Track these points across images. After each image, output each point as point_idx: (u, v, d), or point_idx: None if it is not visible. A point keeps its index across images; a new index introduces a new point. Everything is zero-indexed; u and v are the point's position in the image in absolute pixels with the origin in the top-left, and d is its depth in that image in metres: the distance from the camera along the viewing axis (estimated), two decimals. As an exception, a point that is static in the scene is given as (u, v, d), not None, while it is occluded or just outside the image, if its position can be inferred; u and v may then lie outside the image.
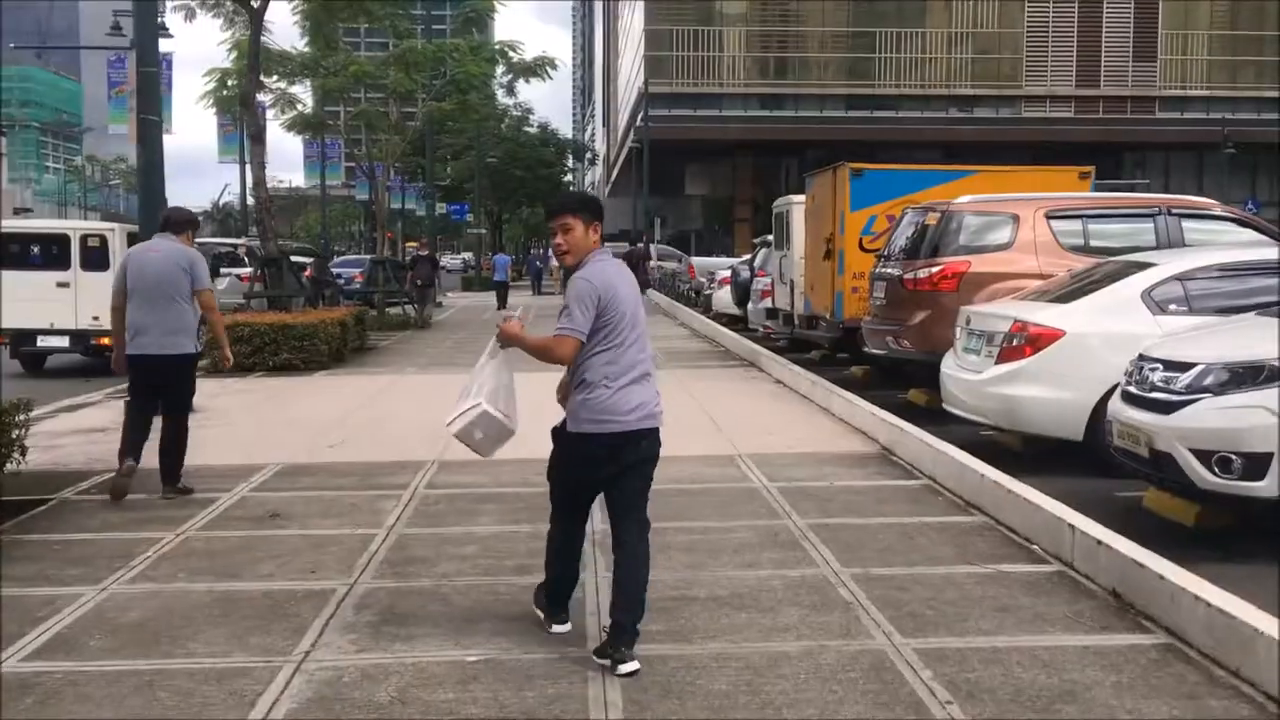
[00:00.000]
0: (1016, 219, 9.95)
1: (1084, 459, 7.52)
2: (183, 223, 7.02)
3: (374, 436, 8.98)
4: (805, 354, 15.30)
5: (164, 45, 39.07)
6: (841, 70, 49.95)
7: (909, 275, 10.17)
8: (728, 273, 22.78)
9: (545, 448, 4.27)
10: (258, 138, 15.88)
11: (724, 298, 22.31)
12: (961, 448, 7.28)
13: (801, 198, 14.98)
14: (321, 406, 10.78)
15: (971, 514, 6.25)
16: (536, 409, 4.77)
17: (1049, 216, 9.96)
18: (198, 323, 6.87)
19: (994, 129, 47.12)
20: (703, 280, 27.88)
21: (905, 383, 11.47)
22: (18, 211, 45.01)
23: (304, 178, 71.99)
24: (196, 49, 22.71)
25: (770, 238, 18.46)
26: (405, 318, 23.03)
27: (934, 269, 9.95)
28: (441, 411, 4.25)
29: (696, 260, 32.80)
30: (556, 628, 4.33)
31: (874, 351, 11.04)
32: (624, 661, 3.92)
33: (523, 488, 6.93)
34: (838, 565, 5.24)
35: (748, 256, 21.74)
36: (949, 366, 8.64)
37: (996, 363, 7.81)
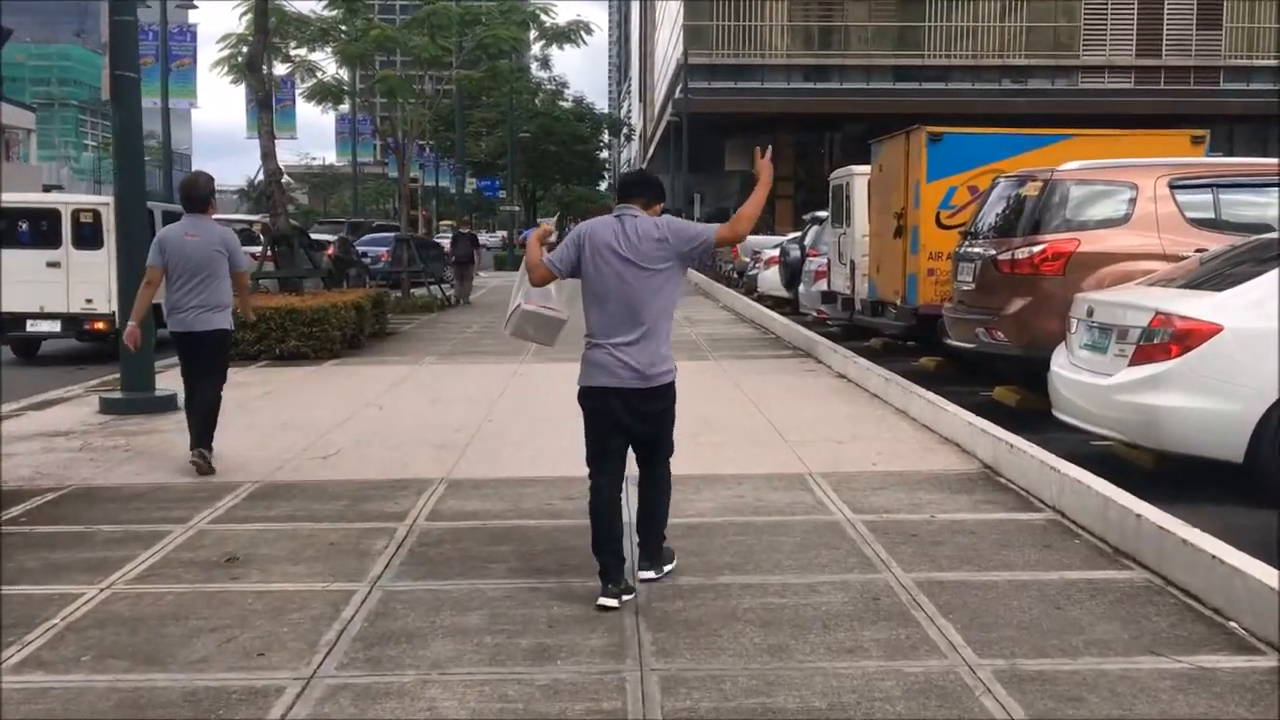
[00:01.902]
0: (1134, 189, 8.41)
1: (1225, 481, 6.09)
2: (205, 199, 6.94)
3: (376, 445, 7.65)
4: (865, 342, 13.82)
5: (190, 17, 38.04)
6: (888, 40, 47.90)
7: (1004, 256, 8.66)
8: (774, 252, 21.22)
9: (570, 465, 4.34)
10: (265, 104, 14.57)
11: (771, 279, 20.78)
12: (1074, 461, 5.92)
13: (864, 168, 13.41)
14: (323, 404, 9.48)
15: (1126, 566, 4.82)
16: (557, 420, 4.81)
17: (1173, 186, 8.42)
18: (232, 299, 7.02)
19: (1049, 100, 44.94)
20: (746, 260, 26.30)
21: (987, 377, 10.04)
22: (48, 189, 44.21)
23: (335, 155, 70.93)
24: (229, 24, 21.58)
25: (823, 214, 16.95)
26: (431, 299, 21.77)
27: (1035, 248, 8.44)
28: (458, 412, 5.12)
29: (739, 238, 31.14)
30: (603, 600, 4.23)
31: (959, 344, 9.54)
32: (641, 570, 4.44)
33: (547, 519, 5.59)
34: (971, 654, 3.83)
35: (797, 234, 20.18)
36: (1061, 366, 7.17)
37: (1131, 364, 6.33)
